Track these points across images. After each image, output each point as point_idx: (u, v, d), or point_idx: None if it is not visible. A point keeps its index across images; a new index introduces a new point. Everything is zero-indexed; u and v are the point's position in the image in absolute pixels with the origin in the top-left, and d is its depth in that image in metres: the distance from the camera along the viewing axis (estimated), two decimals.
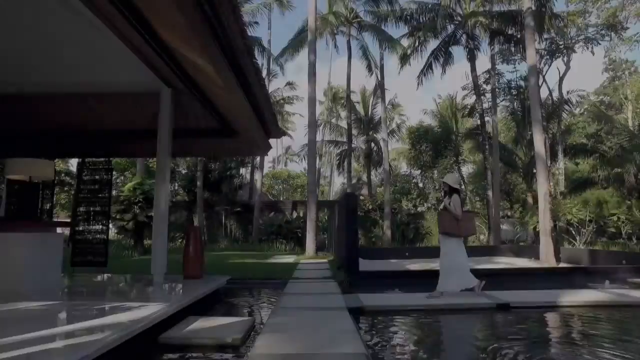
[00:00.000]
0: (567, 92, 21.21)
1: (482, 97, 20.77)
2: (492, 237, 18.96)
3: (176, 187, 26.74)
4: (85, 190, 6.88)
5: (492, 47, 20.20)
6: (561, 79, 20.55)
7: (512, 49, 20.23)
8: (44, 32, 4.97)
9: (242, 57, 4.01)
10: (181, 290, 5.34)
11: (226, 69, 3.99)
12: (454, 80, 70.33)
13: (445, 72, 22.80)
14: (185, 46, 3.59)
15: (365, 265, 7.54)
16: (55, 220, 6.29)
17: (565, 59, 19.99)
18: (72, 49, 5.29)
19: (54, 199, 6.41)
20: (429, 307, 4.94)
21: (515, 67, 20.96)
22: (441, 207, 5.76)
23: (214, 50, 3.61)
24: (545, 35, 18.67)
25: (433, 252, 15.71)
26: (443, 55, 22.40)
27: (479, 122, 22.19)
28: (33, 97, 6.24)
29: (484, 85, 22.19)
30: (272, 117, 6.20)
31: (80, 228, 6.81)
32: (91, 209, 6.81)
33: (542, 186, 11.81)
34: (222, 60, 3.79)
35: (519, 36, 19.13)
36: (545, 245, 11.20)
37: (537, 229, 16.49)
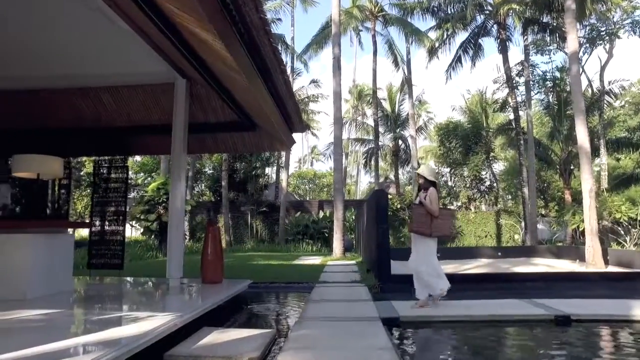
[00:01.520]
0: (609, 83, 19.88)
1: (515, 90, 19.71)
2: (529, 237, 17.93)
3: (202, 188, 26.75)
4: (100, 190, 6.58)
5: (526, 37, 19.12)
6: (602, 68, 19.28)
7: (548, 38, 19.08)
8: (55, 25, 4.74)
9: (258, 34, 3.53)
10: (196, 298, 4.92)
11: (240, 48, 3.52)
12: (482, 76, 68.28)
13: (475, 65, 21.84)
14: (193, 21, 3.14)
15: (395, 267, 6.94)
16: (67, 220, 5.99)
17: (607, 46, 18.71)
18: (83, 40, 5.03)
19: (70, 199, 6.15)
20: (472, 318, 4.32)
21: (550, 58, 19.77)
22: (416, 201, 5.04)
23: (225, 24, 3.15)
24: (585, 22, 17.47)
25: (466, 253, 15.04)
26: (473, 48, 21.46)
27: (511, 116, 21.14)
28: (45, 92, 6.00)
29: (517, 78, 21.11)
30: (295, 107, 5.71)
31: (96, 229, 6.52)
32: (107, 208, 6.51)
33: (587, 182, 10.87)
34: (234, 37, 3.32)
35: (555, 24, 18.03)
36: (592, 246, 10.28)
37: (579, 229, 15.46)
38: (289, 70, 23.44)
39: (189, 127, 5.70)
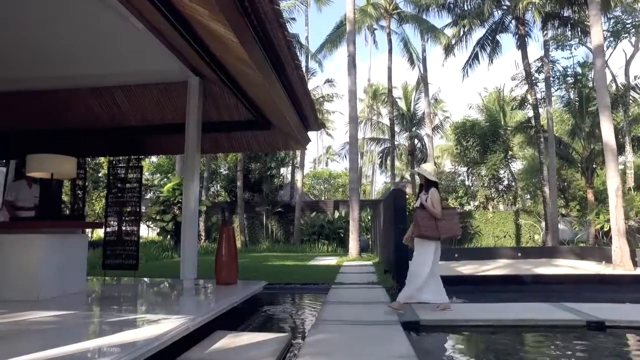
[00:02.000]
0: (635, 77, 19.22)
1: (534, 87, 19.21)
2: (550, 237, 17.44)
3: (218, 188, 26.85)
4: (115, 190, 6.54)
5: (545, 32, 18.63)
6: (628, 63, 18.63)
7: (569, 33, 18.55)
8: (68, 24, 4.67)
9: (272, 26, 3.39)
10: (210, 300, 4.82)
11: (252, 40, 3.39)
12: (500, 73, 67.12)
13: (492, 62, 21.42)
14: (204, 13, 3.01)
15: None
16: (81, 220, 5.96)
17: (632, 39, 18.06)
18: (96, 39, 4.95)
19: (86, 199, 6.14)
20: (499, 322, 4.09)
21: (571, 53, 19.37)
22: (416, 204, 4.73)
23: (237, 15, 3.02)
24: (609, 15, 16.90)
25: (484, 254, 14.67)
26: (490, 44, 21.03)
27: (530, 114, 20.63)
28: (59, 93, 5.97)
29: (536, 74, 20.58)
30: (310, 104, 5.56)
31: (111, 229, 6.48)
32: (122, 209, 6.46)
33: (613, 180, 10.45)
34: (246, 28, 3.18)
35: (576, 17, 17.51)
36: (620, 247, 9.87)
37: (603, 229, 14.96)
38: (303, 70, 23.26)
39: (202, 126, 5.60)
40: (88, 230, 18.73)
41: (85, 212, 23.57)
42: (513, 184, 25.61)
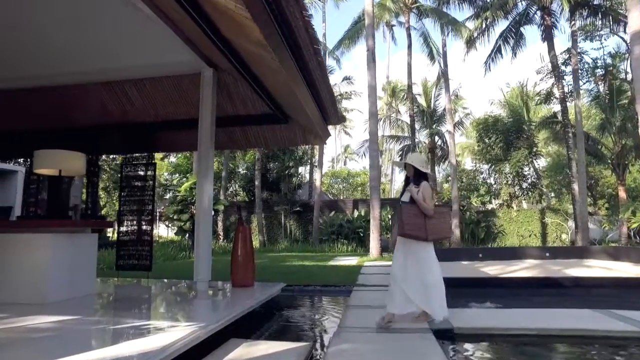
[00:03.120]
0: None
1: (562, 80, 18.42)
2: (580, 236, 16.67)
3: (236, 188, 26.76)
4: (128, 188, 6.32)
5: (573, 22, 17.83)
6: None
7: (599, 22, 17.73)
8: (78, 18, 4.49)
9: (288, 3, 3.06)
10: (224, 304, 4.52)
11: (267, 17, 3.07)
12: (522, 68, 65.47)
13: (515, 55, 20.67)
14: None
15: None
16: (93, 219, 5.74)
17: None
18: (105, 31, 4.76)
19: (98, 197, 5.95)
20: (544, 332, 3.66)
21: (602, 44, 18.45)
22: (403, 198, 4.02)
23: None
24: None
25: (509, 254, 14.05)
26: (513, 37, 20.32)
27: (555, 108, 19.82)
28: (69, 88, 5.79)
29: (563, 67, 19.77)
30: (330, 95, 5.22)
31: (125, 229, 6.27)
32: (134, 208, 6.23)
33: None
34: (260, 3, 2.86)
35: (607, 5, 16.69)
36: None
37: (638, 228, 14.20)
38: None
39: (217, 120, 5.34)
40: (109, 230, 18.84)
41: (107, 212, 23.83)
42: (538, 181, 24.75)
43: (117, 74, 5.58)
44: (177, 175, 26.07)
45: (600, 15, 17.23)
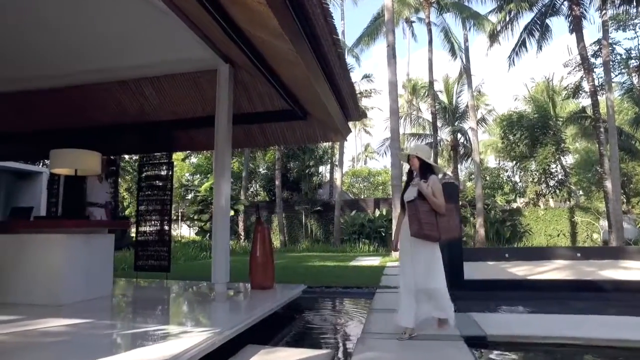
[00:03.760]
0: None
1: (592, 73, 17.65)
2: (614, 236, 15.94)
3: (257, 188, 26.78)
4: (145, 188, 6.24)
5: (604, 11, 17.05)
6: None
7: (633, 10, 16.89)
8: (91, 15, 4.40)
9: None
10: (241, 308, 4.36)
11: (283, 5, 2.87)
12: (547, 63, 63.62)
13: (541, 49, 19.93)
14: None
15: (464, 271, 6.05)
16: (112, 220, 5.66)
17: None
18: (121, 28, 4.67)
19: (119, 196, 5.88)
20: (588, 342, 3.34)
21: (636, 33, 17.48)
22: (409, 194, 3.60)
23: None
24: None
25: (537, 254, 13.50)
26: (539, 29, 19.60)
27: (584, 103, 19.06)
28: (85, 88, 5.73)
29: (593, 59, 18.96)
30: (350, 89, 4.99)
31: (143, 229, 6.19)
32: (152, 208, 6.15)
33: None
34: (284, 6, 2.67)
35: None
36: None
37: None
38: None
39: (234, 118, 5.17)
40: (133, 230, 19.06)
41: (130, 212, 24.18)
42: (566, 179, 23.88)
43: (133, 71, 5.48)
44: (198, 175, 26.25)
45: (635, 3, 16.42)
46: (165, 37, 4.78)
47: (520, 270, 9.35)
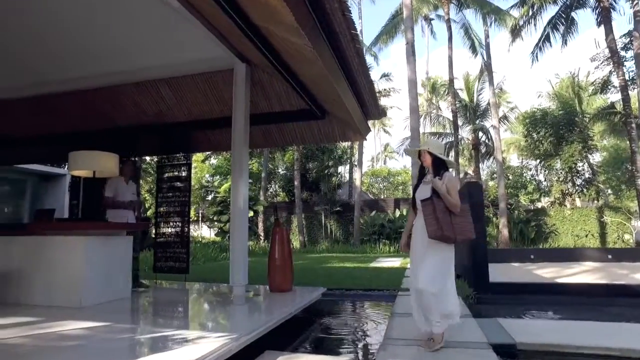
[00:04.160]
0: None
1: (622, 67, 16.97)
2: None
3: (276, 188, 26.81)
4: (164, 189, 6.23)
5: (636, 1, 16.38)
6: None
7: None
8: (109, 17, 4.41)
9: None
10: (259, 312, 4.27)
11: (303, 6, 2.78)
12: (571, 58, 61.81)
13: (566, 43, 19.31)
14: None
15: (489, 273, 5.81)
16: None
17: None
18: (137, 29, 4.69)
19: (139, 197, 5.89)
20: (627, 353, 3.09)
21: None
22: (422, 193, 3.35)
23: None
24: None
25: (564, 255, 13.03)
26: (564, 23, 18.99)
27: (613, 98, 18.33)
28: (103, 90, 5.77)
29: (623, 52, 18.23)
30: (369, 87, 4.86)
31: (161, 231, 6.18)
32: (170, 209, 6.14)
33: None
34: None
35: None
36: None
37: None
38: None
39: (251, 118, 5.10)
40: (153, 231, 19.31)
41: (152, 214, 24.50)
42: (593, 177, 23.09)
43: (150, 73, 5.48)
44: (217, 176, 26.44)
45: None
46: (181, 37, 4.75)
47: (547, 272, 9.03)
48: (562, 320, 4.47)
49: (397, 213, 20.31)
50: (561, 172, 22.76)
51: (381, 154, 48.92)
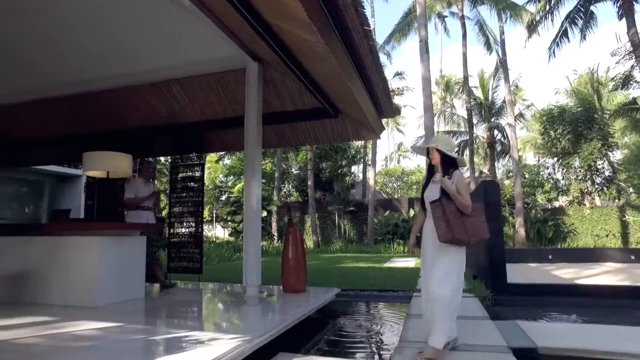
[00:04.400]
0: None
1: None
2: None
3: (289, 188, 26.83)
4: (178, 190, 6.24)
5: None
6: None
7: None
8: (121, 18, 4.43)
9: None
10: (273, 313, 4.22)
11: (318, 6, 2.72)
12: (590, 53, 60.45)
13: (584, 38, 18.82)
14: None
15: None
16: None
17: None
18: (149, 29, 4.69)
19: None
20: None
21: None
22: (430, 194, 3.22)
23: None
24: None
25: (584, 255, 12.70)
26: (582, 17, 18.53)
27: (635, 93, 17.87)
28: (117, 91, 5.79)
29: None
30: (383, 84, 4.77)
31: (174, 231, 6.19)
32: (183, 209, 6.14)
33: None
34: None
35: None
36: None
37: None
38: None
39: (264, 118, 5.07)
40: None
41: (166, 214, 24.78)
42: (614, 175, 22.51)
43: (162, 73, 5.48)
44: (231, 177, 26.56)
45: None
46: (193, 37, 4.74)
47: (566, 273, 8.82)
48: (585, 324, 4.32)
49: (411, 212, 20.13)
50: (580, 171, 22.27)
51: (395, 153, 48.67)
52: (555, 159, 23.89)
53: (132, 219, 5.16)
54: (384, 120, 6.17)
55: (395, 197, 33.12)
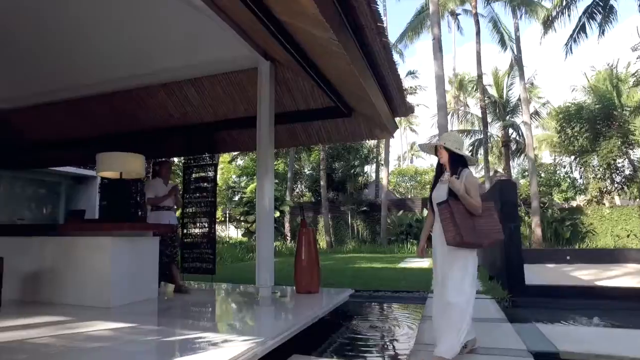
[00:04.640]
0: None
1: None
2: None
3: (302, 189, 26.83)
4: (191, 190, 6.25)
5: None
6: None
7: None
8: (134, 19, 4.46)
9: None
10: (286, 314, 4.18)
11: (330, 3, 2.68)
12: (609, 49, 59.19)
13: (603, 33, 18.38)
14: None
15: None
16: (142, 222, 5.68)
17: None
18: (161, 30, 4.72)
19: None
20: None
21: None
22: (438, 195, 3.09)
23: None
24: None
25: (603, 256, 12.39)
26: (601, 12, 18.10)
27: None
28: (130, 92, 5.84)
29: None
30: (396, 82, 4.69)
31: (187, 231, 6.20)
32: (196, 210, 6.15)
33: None
34: None
35: None
36: None
37: None
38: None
39: (276, 117, 5.05)
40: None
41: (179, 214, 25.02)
42: (635, 174, 21.97)
43: (175, 73, 5.50)
44: (244, 177, 26.66)
45: None
46: (205, 37, 4.73)
47: (586, 274, 8.60)
48: (608, 328, 4.18)
49: (425, 212, 19.92)
50: (598, 169, 21.78)
51: (408, 152, 48.31)
52: (573, 157, 23.41)
53: (153, 219, 5.16)
54: (397, 120, 6.09)
55: (409, 197, 32.89)
